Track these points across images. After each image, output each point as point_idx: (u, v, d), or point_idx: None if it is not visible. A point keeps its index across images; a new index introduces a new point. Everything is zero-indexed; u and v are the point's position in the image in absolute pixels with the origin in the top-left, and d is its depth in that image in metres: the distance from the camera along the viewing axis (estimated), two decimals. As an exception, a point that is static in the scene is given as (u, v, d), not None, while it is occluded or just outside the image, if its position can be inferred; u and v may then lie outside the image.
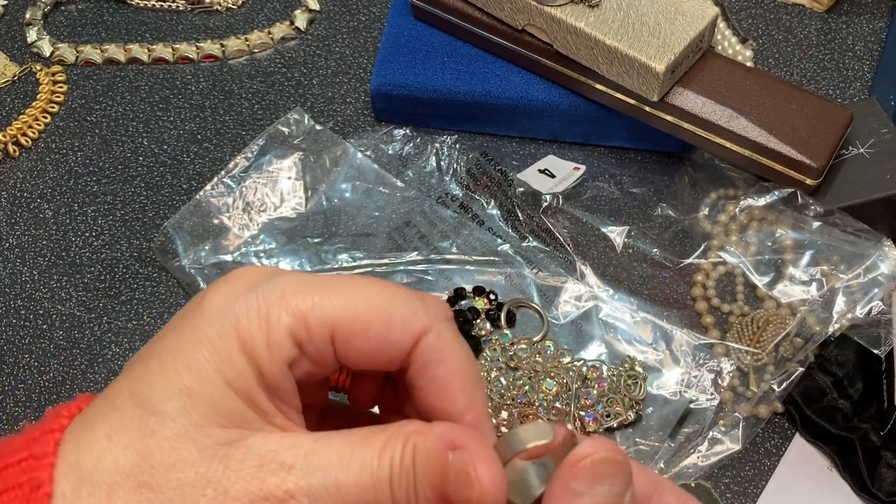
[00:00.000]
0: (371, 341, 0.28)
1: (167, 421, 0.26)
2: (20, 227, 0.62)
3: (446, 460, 0.27)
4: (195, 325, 0.28)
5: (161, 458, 0.26)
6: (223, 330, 0.27)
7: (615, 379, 0.53)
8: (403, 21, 0.65)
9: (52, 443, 0.26)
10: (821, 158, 0.55)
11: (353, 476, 0.26)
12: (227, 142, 0.66)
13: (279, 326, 0.27)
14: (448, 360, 0.29)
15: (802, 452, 0.53)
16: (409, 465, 0.26)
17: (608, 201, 0.62)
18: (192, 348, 0.27)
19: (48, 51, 0.70)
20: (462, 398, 0.29)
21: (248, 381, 0.27)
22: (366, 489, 0.26)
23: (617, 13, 0.57)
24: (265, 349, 0.27)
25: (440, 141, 0.64)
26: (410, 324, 0.28)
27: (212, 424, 0.26)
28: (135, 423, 0.26)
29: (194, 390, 0.26)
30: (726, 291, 0.58)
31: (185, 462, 0.26)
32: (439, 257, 0.59)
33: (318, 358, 0.28)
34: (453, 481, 0.26)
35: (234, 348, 0.27)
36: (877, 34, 0.69)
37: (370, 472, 0.26)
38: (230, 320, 0.27)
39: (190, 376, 0.27)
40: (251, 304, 0.27)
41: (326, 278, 0.29)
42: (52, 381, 0.56)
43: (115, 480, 0.25)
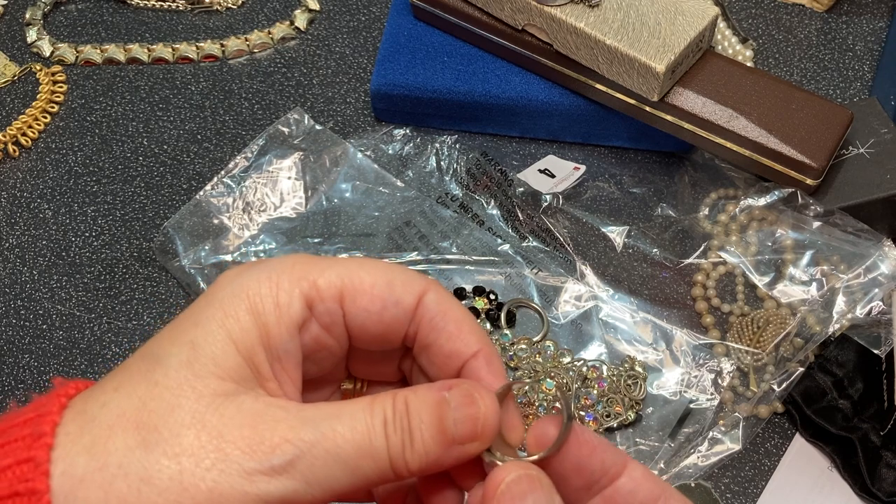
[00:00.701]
0: (376, 299, 0.30)
1: (170, 371, 0.28)
2: (20, 227, 0.62)
3: (443, 397, 0.29)
4: (208, 293, 0.29)
5: (161, 402, 0.27)
6: (233, 292, 0.29)
7: (615, 379, 0.53)
8: (403, 21, 0.65)
9: (56, 404, 0.27)
10: (821, 158, 0.55)
11: (346, 425, 0.27)
12: (227, 142, 0.66)
13: (289, 288, 0.29)
14: (451, 311, 0.31)
15: (802, 452, 0.53)
16: (402, 411, 0.28)
17: (608, 201, 0.62)
18: (202, 309, 0.29)
19: (48, 51, 0.70)
20: (472, 337, 0.31)
21: (250, 339, 0.28)
22: (360, 437, 0.27)
23: (617, 13, 0.57)
24: (273, 308, 0.29)
25: (440, 141, 0.64)
26: (410, 284, 0.30)
27: (211, 376, 0.28)
28: (140, 375, 0.28)
29: (198, 343, 0.28)
30: (726, 291, 0.58)
31: (182, 408, 0.27)
32: (439, 257, 0.59)
33: (328, 320, 0.30)
34: (453, 408, 0.28)
35: (242, 308, 0.28)
36: (877, 34, 0.69)
37: (363, 421, 0.28)
38: (241, 284, 0.29)
39: (195, 331, 0.28)
40: (262, 272, 0.29)
41: (327, 257, 0.31)
42: (51, 380, 0.56)
43: (116, 422, 0.27)
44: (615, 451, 0.30)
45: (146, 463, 0.26)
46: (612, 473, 0.30)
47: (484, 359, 0.31)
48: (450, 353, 0.31)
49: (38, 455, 0.26)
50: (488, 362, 0.31)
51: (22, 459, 0.26)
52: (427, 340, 0.31)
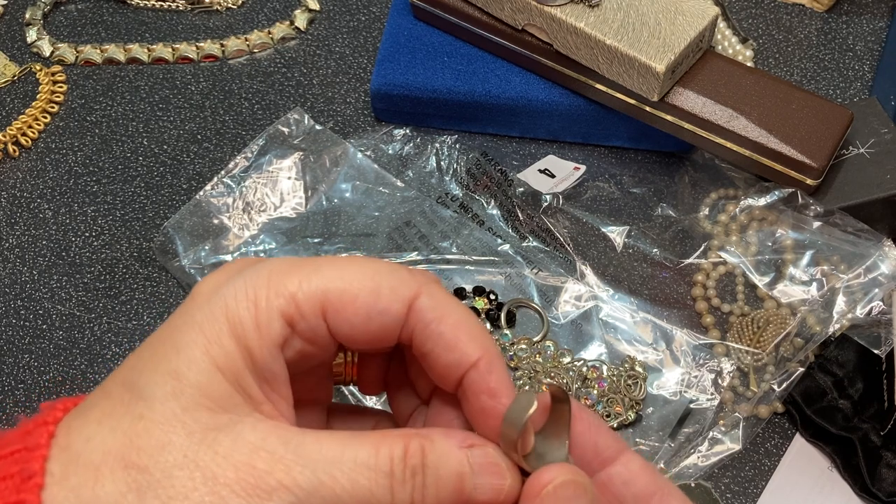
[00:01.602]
0: (360, 311, 0.28)
1: (155, 404, 0.26)
2: (20, 227, 0.62)
3: (464, 457, 0.27)
4: (185, 311, 0.28)
5: (148, 440, 0.26)
6: (212, 313, 0.27)
7: (615, 379, 0.53)
8: (403, 21, 0.65)
9: (45, 435, 0.26)
10: (821, 158, 0.55)
11: (346, 475, 0.26)
12: (227, 142, 0.66)
13: (268, 307, 0.27)
14: (447, 315, 0.29)
15: (802, 452, 0.53)
16: (416, 464, 0.26)
17: (608, 201, 0.62)
18: (181, 332, 0.27)
19: (48, 51, 0.70)
20: (472, 345, 0.29)
21: (236, 364, 0.27)
22: (362, 490, 0.26)
23: (617, 13, 0.57)
24: (254, 330, 0.27)
25: (440, 141, 0.64)
26: (398, 290, 0.28)
27: (200, 408, 0.26)
28: (123, 408, 0.26)
29: (181, 373, 0.26)
30: (726, 291, 0.58)
31: (172, 445, 0.25)
32: (439, 257, 0.59)
33: (311, 335, 0.28)
34: (475, 472, 0.27)
35: (223, 331, 0.27)
36: (877, 34, 0.69)
37: (365, 471, 0.26)
38: (219, 304, 0.27)
39: (178, 359, 0.26)
40: (239, 287, 0.28)
41: (311, 259, 0.29)
42: (52, 381, 0.56)
43: (102, 460, 0.25)
44: (612, 436, 0.30)
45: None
46: (605, 458, 0.29)
47: (486, 367, 0.29)
48: (448, 363, 0.29)
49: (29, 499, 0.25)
50: (489, 370, 0.29)
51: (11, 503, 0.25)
52: (423, 349, 0.29)
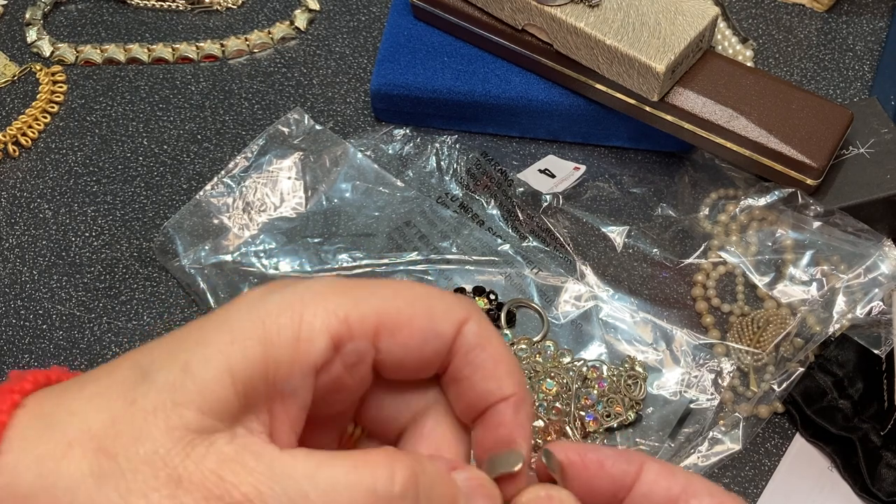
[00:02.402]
0: (416, 333, 0.27)
1: (151, 391, 0.25)
2: (20, 227, 0.62)
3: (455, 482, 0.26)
4: (223, 311, 0.26)
5: (130, 426, 0.25)
6: (249, 317, 0.26)
7: (615, 379, 0.53)
8: (403, 21, 0.65)
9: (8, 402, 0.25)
10: (821, 158, 0.55)
11: (320, 491, 0.24)
12: (227, 142, 0.66)
13: (313, 322, 0.26)
14: (491, 345, 0.28)
15: (802, 452, 0.53)
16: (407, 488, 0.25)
17: (608, 201, 0.62)
18: (210, 328, 0.26)
19: (48, 51, 0.70)
20: (509, 380, 0.28)
21: (251, 372, 0.25)
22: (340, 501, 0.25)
23: (617, 13, 0.57)
24: (291, 342, 0.25)
25: (440, 141, 0.64)
26: (450, 313, 0.28)
27: (191, 405, 0.25)
28: (121, 387, 0.25)
29: (191, 366, 0.25)
30: (726, 291, 0.58)
31: (149, 438, 0.24)
32: (439, 257, 0.59)
33: (355, 360, 0.27)
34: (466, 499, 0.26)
35: (254, 336, 0.25)
36: (877, 34, 0.69)
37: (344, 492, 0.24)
38: (259, 310, 0.26)
39: (194, 351, 0.25)
40: (285, 296, 0.26)
41: (362, 281, 0.28)
42: (51, 381, 0.56)
43: (77, 437, 0.24)
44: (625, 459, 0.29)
45: (94, 495, 0.24)
46: (629, 483, 0.29)
47: (514, 406, 0.28)
48: (481, 392, 0.28)
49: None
50: (517, 409, 0.28)
51: None
52: (460, 375, 0.28)
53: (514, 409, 0.28)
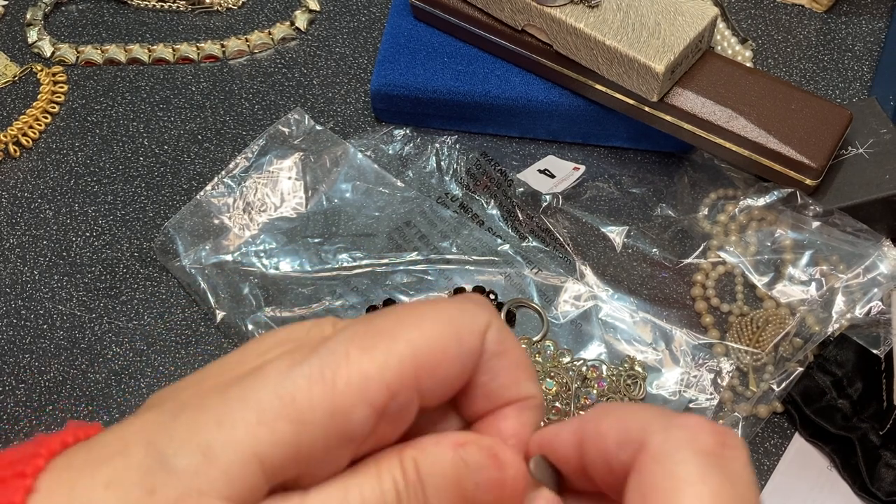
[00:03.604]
0: (453, 362, 0.25)
1: (172, 480, 0.23)
2: (21, 227, 0.62)
3: (458, 457, 0.25)
4: (244, 377, 0.24)
5: None
6: (277, 393, 0.23)
7: (615, 379, 0.53)
8: (403, 21, 0.65)
9: (21, 491, 0.23)
10: (820, 159, 0.55)
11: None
12: (227, 142, 0.66)
13: (347, 391, 0.24)
14: (511, 350, 0.27)
15: (802, 452, 0.53)
16: (413, 479, 0.24)
17: (608, 201, 0.62)
18: (231, 403, 0.24)
19: (49, 51, 0.70)
20: (529, 384, 0.27)
21: (282, 456, 0.23)
22: None
23: (617, 13, 0.57)
24: (325, 419, 0.23)
25: (440, 141, 0.64)
26: (474, 325, 0.26)
27: (217, 495, 0.23)
28: (138, 476, 0.23)
29: (215, 451, 0.23)
30: (726, 291, 0.58)
31: None
32: (439, 257, 0.59)
33: (400, 413, 0.25)
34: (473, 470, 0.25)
35: (283, 415, 0.23)
36: (876, 34, 0.69)
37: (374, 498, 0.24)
38: (288, 386, 0.24)
39: (217, 434, 0.23)
40: (315, 367, 0.24)
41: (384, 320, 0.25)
42: (52, 380, 0.56)
43: None
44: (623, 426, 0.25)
45: None
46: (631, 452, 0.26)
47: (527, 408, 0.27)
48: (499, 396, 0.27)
49: None
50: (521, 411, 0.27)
51: None
52: (478, 380, 0.27)
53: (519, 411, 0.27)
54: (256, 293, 0.57)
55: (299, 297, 0.57)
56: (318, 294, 0.57)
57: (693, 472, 0.23)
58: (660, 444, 0.23)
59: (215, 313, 0.57)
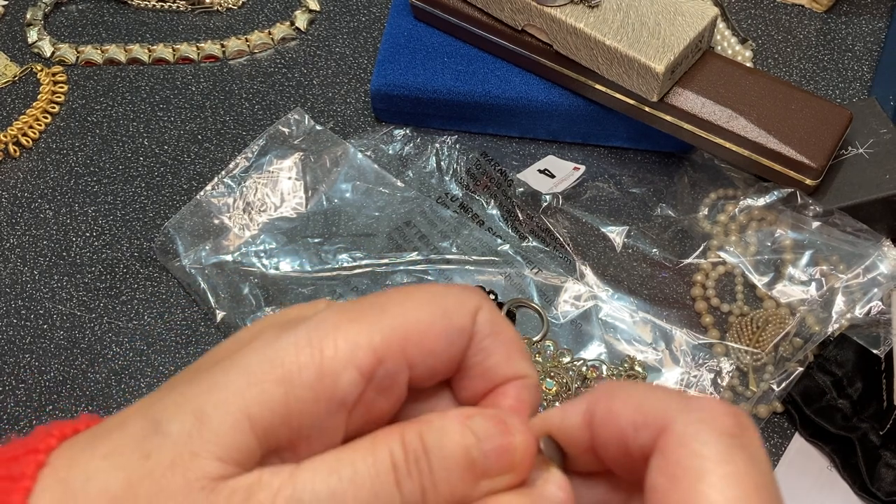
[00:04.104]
0: (440, 336, 0.26)
1: (167, 443, 0.24)
2: (21, 227, 0.62)
3: (465, 427, 0.25)
4: (234, 352, 0.25)
5: (147, 485, 0.23)
6: (266, 357, 0.24)
7: (615, 379, 0.53)
8: (403, 21, 0.65)
9: (32, 465, 0.24)
10: (820, 159, 0.55)
11: (346, 478, 0.24)
12: (227, 142, 0.66)
13: (337, 356, 0.24)
14: (504, 330, 0.27)
15: (802, 452, 0.53)
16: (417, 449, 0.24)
17: (608, 201, 0.62)
18: (224, 372, 0.24)
19: (49, 51, 0.70)
20: (523, 362, 0.27)
21: (272, 416, 0.24)
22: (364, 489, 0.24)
23: (616, 13, 0.57)
24: (313, 381, 0.24)
25: (440, 141, 0.64)
26: (463, 305, 0.27)
27: (210, 456, 0.24)
28: (134, 442, 0.24)
29: (206, 414, 0.24)
30: (726, 291, 0.58)
31: (168, 493, 0.23)
32: (439, 257, 0.59)
33: (389, 382, 0.25)
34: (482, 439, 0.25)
35: (272, 376, 0.24)
36: (876, 34, 0.69)
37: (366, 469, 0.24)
38: (277, 350, 0.25)
39: (207, 398, 0.24)
40: (302, 334, 0.25)
41: (369, 302, 0.26)
42: (52, 380, 0.56)
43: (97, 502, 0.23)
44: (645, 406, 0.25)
45: None
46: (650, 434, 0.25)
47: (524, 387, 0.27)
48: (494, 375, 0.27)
49: None
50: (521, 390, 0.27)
51: None
52: (472, 361, 0.27)
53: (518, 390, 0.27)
54: (256, 293, 0.57)
55: (299, 297, 0.57)
56: (318, 294, 0.57)
57: (719, 453, 0.24)
58: (683, 427, 0.24)
59: (215, 313, 0.57)
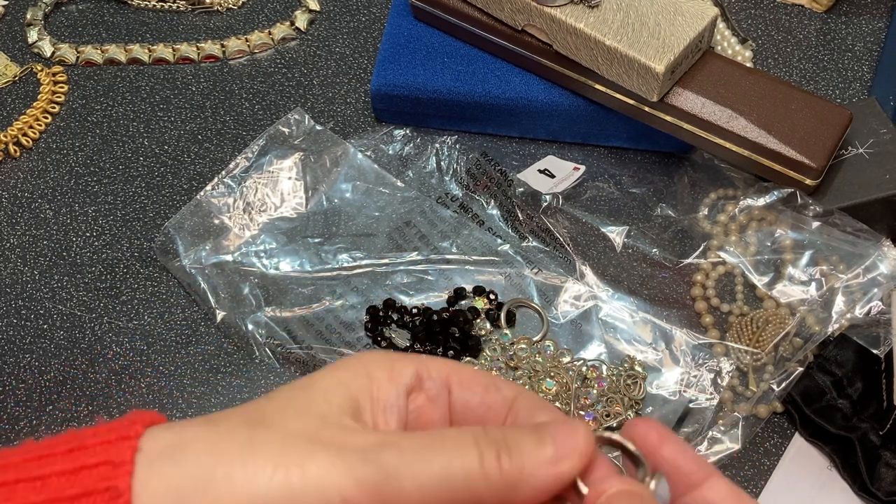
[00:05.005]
0: (480, 384, 0.32)
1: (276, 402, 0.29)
2: (21, 227, 0.62)
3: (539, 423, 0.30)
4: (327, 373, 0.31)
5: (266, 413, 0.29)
6: (355, 367, 0.31)
7: (615, 379, 0.53)
8: (403, 21, 0.65)
9: (129, 450, 0.27)
10: (820, 159, 0.55)
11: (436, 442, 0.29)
12: (227, 142, 0.66)
13: (402, 363, 0.32)
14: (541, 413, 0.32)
15: (802, 452, 0.53)
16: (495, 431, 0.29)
17: (608, 201, 0.62)
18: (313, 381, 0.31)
19: (49, 51, 0.70)
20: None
21: (359, 386, 0.30)
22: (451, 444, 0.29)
23: (616, 14, 0.57)
24: (387, 373, 0.31)
25: (440, 141, 0.64)
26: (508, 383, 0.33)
27: (321, 402, 0.29)
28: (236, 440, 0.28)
29: (310, 387, 0.30)
30: (726, 291, 0.58)
31: (285, 416, 0.29)
32: (439, 257, 0.59)
33: (434, 392, 0.32)
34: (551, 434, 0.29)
35: (357, 370, 0.31)
36: (876, 34, 0.69)
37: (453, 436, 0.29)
38: (360, 365, 0.31)
39: (309, 396, 0.30)
40: (377, 357, 0.32)
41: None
42: (52, 380, 0.56)
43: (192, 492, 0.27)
44: (697, 460, 0.31)
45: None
46: (691, 482, 0.30)
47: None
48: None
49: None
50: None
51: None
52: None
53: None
54: (256, 293, 0.57)
55: (299, 297, 0.57)
56: (318, 294, 0.57)
57: None
58: None
59: (215, 313, 0.57)
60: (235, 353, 0.57)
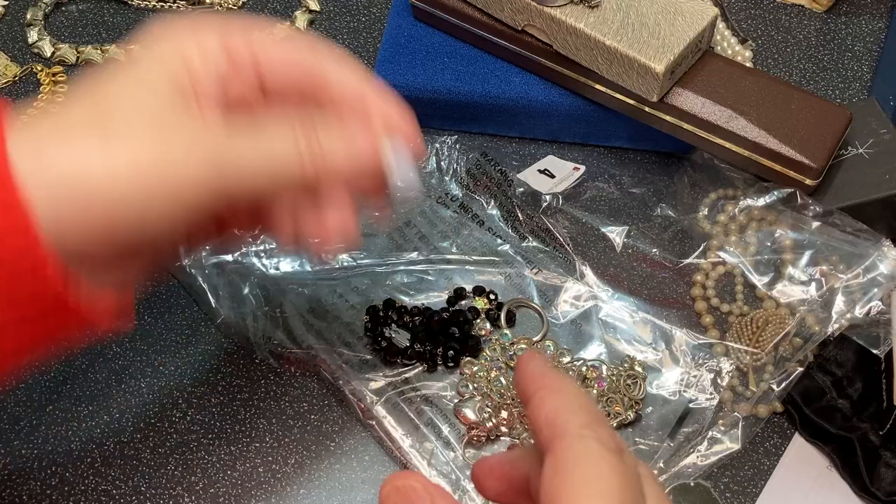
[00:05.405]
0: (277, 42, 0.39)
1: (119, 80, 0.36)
2: (21, 227, 0.62)
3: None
4: (140, 58, 0.37)
5: (116, 98, 0.35)
6: (170, 51, 0.37)
7: (615, 379, 0.53)
8: (403, 22, 0.65)
9: None
10: (820, 159, 0.55)
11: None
12: (227, 142, 0.66)
13: (205, 39, 0.37)
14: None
15: (802, 452, 0.53)
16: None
17: (608, 201, 0.62)
18: (143, 67, 0.37)
19: (49, 51, 0.70)
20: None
21: (184, 83, 0.36)
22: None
23: (616, 14, 0.57)
24: (201, 65, 0.37)
25: (440, 141, 0.64)
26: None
27: (164, 74, 0.36)
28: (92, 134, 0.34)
29: (143, 82, 0.36)
30: (726, 291, 0.58)
31: (137, 100, 0.35)
32: (439, 257, 0.59)
33: (246, 73, 0.38)
34: None
35: (177, 63, 0.37)
36: (876, 34, 0.69)
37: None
38: (173, 46, 0.38)
39: (140, 74, 0.36)
40: (187, 36, 0.38)
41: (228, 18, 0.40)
42: (52, 380, 0.56)
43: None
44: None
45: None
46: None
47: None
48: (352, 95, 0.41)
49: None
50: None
51: None
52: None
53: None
54: (256, 293, 0.57)
55: (299, 297, 0.57)
56: (317, 294, 0.57)
57: None
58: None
59: (215, 313, 0.57)
60: (235, 353, 0.57)
